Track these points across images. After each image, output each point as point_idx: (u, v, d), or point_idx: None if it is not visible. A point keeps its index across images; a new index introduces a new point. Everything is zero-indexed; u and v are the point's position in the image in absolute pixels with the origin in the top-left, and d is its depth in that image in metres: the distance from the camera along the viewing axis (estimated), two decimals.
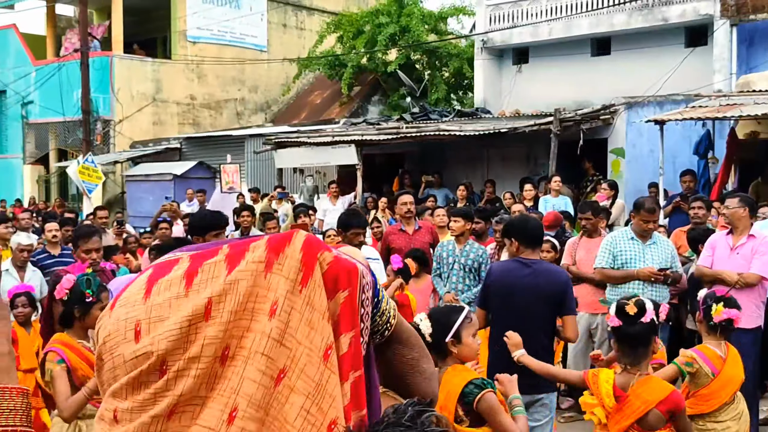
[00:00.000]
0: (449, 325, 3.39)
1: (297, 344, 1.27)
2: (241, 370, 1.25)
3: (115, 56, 21.83)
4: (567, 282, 4.60)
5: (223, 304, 1.28)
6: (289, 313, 1.28)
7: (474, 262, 6.76)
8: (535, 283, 4.46)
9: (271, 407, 1.26)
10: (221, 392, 1.27)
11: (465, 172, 15.43)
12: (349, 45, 20.68)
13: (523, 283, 4.47)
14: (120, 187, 21.62)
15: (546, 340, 4.49)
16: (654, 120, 10.46)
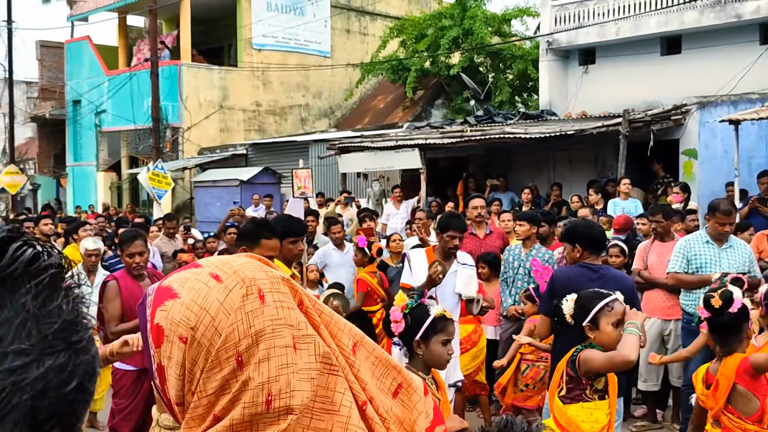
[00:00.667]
0: (589, 309, 3.47)
1: None
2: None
3: (184, 65, 22.36)
4: (634, 288, 4.63)
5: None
6: None
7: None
8: (603, 287, 4.32)
9: None
10: None
11: (530, 175, 15.23)
12: (412, 49, 20.68)
13: (591, 288, 4.35)
14: (188, 193, 22.10)
15: None
16: (728, 120, 10.11)
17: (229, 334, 1.13)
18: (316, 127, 24.31)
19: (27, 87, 31.28)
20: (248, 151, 21.02)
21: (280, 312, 1.16)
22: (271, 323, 1.14)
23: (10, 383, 0.70)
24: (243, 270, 1.17)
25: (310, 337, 1.18)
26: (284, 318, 1.16)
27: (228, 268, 1.17)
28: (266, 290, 1.16)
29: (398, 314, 3.39)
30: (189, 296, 1.14)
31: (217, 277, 1.16)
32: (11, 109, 26.89)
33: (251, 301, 1.14)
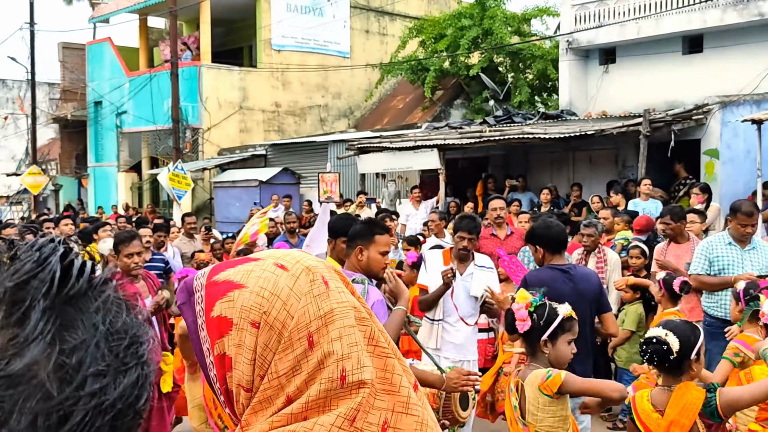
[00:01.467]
0: (694, 343, 3.25)
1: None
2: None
3: (203, 66, 22.49)
4: (602, 285, 4.82)
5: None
6: None
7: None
8: (576, 287, 4.53)
9: None
10: None
11: (550, 175, 15.15)
12: (431, 49, 20.65)
13: (566, 290, 4.46)
14: (208, 194, 22.22)
15: (592, 340, 4.71)
16: (751, 119, 9.99)
17: (301, 316, 1.21)
18: (336, 128, 24.35)
19: (49, 88, 31.63)
20: (267, 151, 21.10)
21: (342, 296, 1.26)
22: (338, 305, 1.23)
23: (92, 407, 0.71)
24: (304, 260, 1.27)
25: (368, 320, 1.28)
26: (348, 301, 1.26)
27: (291, 259, 1.27)
28: (328, 277, 1.26)
29: (524, 312, 3.45)
30: (258, 284, 1.23)
31: (283, 267, 1.25)
32: (33, 110, 27.20)
33: (317, 286, 1.23)
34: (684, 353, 3.22)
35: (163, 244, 9.06)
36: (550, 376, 3.32)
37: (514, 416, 3.51)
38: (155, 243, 8.70)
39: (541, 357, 3.44)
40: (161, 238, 9.05)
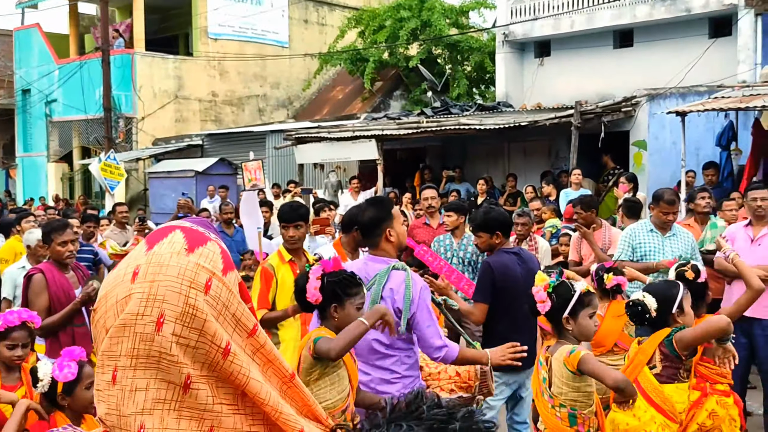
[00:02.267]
0: (672, 298, 3.70)
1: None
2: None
3: (137, 54, 22.00)
4: (540, 266, 5.16)
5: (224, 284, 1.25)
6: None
7: (473, 255, 6.69)
8: (527, 268, 4.74)
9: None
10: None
11: (486, 166, 15.35)
12: (370, 40, 20.65)
13: (519, 271, 4.71)
14: (142, 184, 21.79)
15: (535, 321, 4.81)
16: (675, 111, 10.31)
17: (113, 343, 1.21)
18: (274, 118, 24.15)
19: None
20: (204, 141, 20.80)
21: (174, 348, 1.21)
22: (158, 355, 1.20)
23: None
24: (160, 285, 1.23)
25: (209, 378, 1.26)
26: (178, 355, 1.20)
27: (150, 273, 1.24)
28: (169, 319, 1.22)
29: (543, 294, 3.57)
30: (105, 283, 1.27)
31: (134, 275, 1.24)
32: None
33: (144, 323, 1.20)
34: (664, 309, 3.65)
35: (92, 235, 8.86)
36: (572, 351, 3.47)
37: (541, 388, 3.66)
38: (85, 234, 8.50)
39: (566, 334, 3.59)
40: (90, 228, 8.84)
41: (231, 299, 1.23)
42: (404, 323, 3.58)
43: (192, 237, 1.26)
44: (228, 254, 1.31)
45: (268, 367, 1.29)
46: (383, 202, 3.96)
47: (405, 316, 3.58)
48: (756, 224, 5.99)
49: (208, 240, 1.28)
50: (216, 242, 1.30)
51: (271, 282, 4.88)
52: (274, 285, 4.89)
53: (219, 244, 1.31)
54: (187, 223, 1.32)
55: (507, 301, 4.64)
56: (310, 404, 1.35)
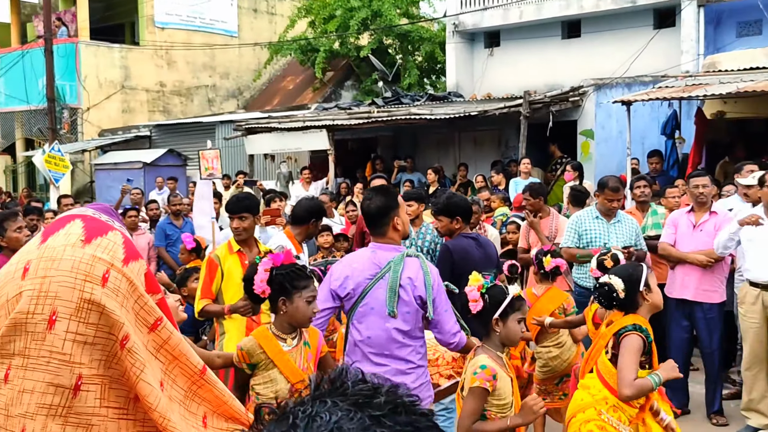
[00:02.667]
0: (638, 278, 3.72)
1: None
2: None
3: (81, 43, 21.46)
4: (497, 252, 5.37)
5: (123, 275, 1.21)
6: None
7: (431, 243, 6.72)
8: (485, 252, 4.92)
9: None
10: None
11: (437, 155, 15.42)
12: (320, 30, 20.52)
13: (478, 255, 4.87)
14: (89, 176, 21.32)
15: None
16: (621, 101, 10.49)
17: (4, 342, 1.16)
18: (224, 109, 23.84)
19: None
20: (152, 132, 20.43)
21: (66, 346, 1.16)
22: (48, 355, 1.15)
23: None
24: (52, 281, 1.18)
25: (100, 378, 1.19)
26: (70, 354, 1.15)
27: (42, 269, 1.19)
28: (62, 316, 1.16)
29: (476, 294, 3.48)
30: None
31: (25, 271, 1.18)
32: None
33: (35, 321, 1.15)
34: (631, 289, 3.70)
35: (36, 227, 8.63)
36: (475, 374, 3.35)
37: (459, 394, 3.60)
38: (28, 227, 8.27)
39: (493, 337, 3.51)
40: (33, 221, 8.61)
41: (132, 291, 1.18)
42: (431, 310, 3.64)
43: (91, 227, 1.21)
44: (132, 244, 1.26)
45: (174, 365, 1.23)
46: (390, 191, 3.97)
47: (430, 303, 3.64)
48: (698, 210, 6.14)
49: (110, 230, 1.23)
50: (119, 231, 1.24)
51: (215, 272, 4.87)
52: (219, 276, 4.88)
53: (122, 233, 1.24)
54: (89, 211, 1.26)
55: (464, 284, 4.69)
56: (225, 401, 1.30)
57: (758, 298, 5.71)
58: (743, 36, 12.97)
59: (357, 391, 0.82)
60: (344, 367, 0.89)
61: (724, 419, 6.08)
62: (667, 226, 6.31)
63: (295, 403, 0.83)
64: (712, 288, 6.06)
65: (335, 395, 0.83)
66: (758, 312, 5.72)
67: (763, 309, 5.70)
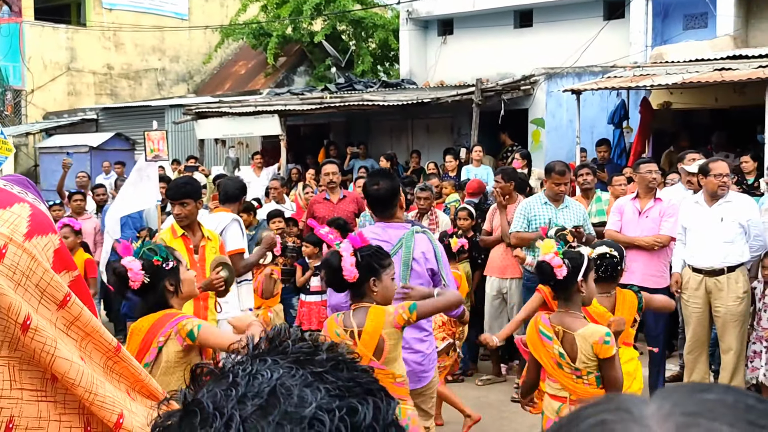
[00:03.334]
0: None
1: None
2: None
3: (25, 22, 20.84)
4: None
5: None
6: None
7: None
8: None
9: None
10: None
11: (390, 142, 15.42)
12: (273, 14, 20.29)
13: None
14: (33, 160, 20.77)
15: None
16: (571, 90, 10.63)
17: None
18: (174, 93, 23.42)
19: None
20: (99, 116, 19.98)
21: None
22: None
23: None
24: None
25: (5, 360, 1.10)
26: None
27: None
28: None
29: (558, 259, 3.60)
30: None
31: None
32: None
33: None
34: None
35: None
36: (607, 342, 3.46)
37: (556, 361, 3.63)
38: None
39: (576, 299, 3.62)
40: None
41: (34, 267, 1.10)
42: (445, 280, 3.97)
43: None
44: (42, 217, 1.17)
45: (87, 342, 1.17)
46: (391, 174, 4.35)
47: (443, 274, 3.99)
48: (643, 197, 6.26)
49: (16, 201, 1.15)
50: (27, 203, 1.15)
51: None
52: None
53: (33, 205, 1.16)
54: (1, 183, 1.18)
55: None
56: (142, 378, 1.25)
57: (701, 284, 5.86)
58: (690, 29, 13.24)
59: (297, 349, 0.82)
60: (282, 326, 0.87)
61: None
62: (612, 213, 6.42)
63: (233, 362, 0.82)
64: (658, 273, 6.19)
65: (275, 353, 0.82)
66: (701, 297, 5.87)
67: (706, 294, 5.85)
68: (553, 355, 3.64)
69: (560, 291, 3.68)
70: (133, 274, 3.20)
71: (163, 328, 3.21)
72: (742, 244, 5.75)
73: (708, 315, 5.89)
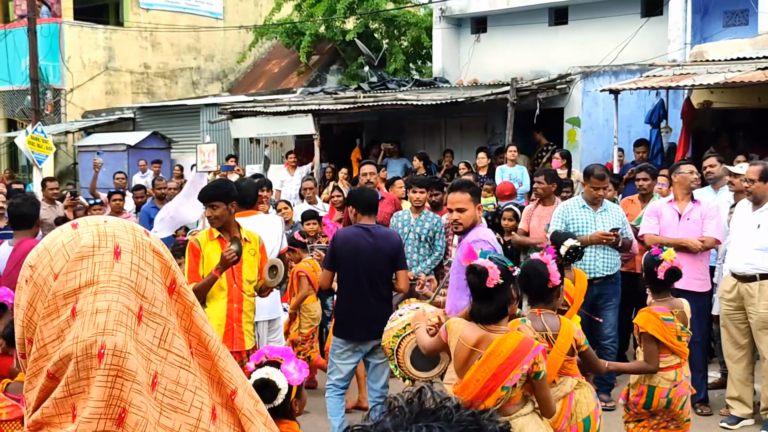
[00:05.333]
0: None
1: None
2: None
3: (65, 23, 21.18)
4: (400, 242, 5.39)
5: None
6: None
7: (429, 231, 6.75)
8: (376, 245, 5.12)
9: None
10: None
11: (423, 142, 15.39)
12: (306, 13, 20.35)
13: (365, 245, 5.12)
14: (72, 158, 21.12)
15: (386, 291, 5.26)
16: (608, 89, 10.50)
17: (65, 277, 1.08)
18: (208, 91, 23.64)
19: None
20: (136, 114, 20.24)
21: (133, 275, 1.12)
22: (118, 279, 1.10)
23: None
24: (107, 226, 1.15)
25: (163, 320, 1.14)
26: (136, 283, 1.11)
27: (91, 221, 1.16)
28: (126, 250, 1.13)
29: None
30: (42, 241, 1.14)
31: (75, 225, 1.14)
32: None
33: (102, 252, 1.11)
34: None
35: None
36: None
37: (677, 337, 4.28)
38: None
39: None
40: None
41: (168, 254, 1.23)
42: None
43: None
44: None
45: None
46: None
47: None
48: (681, 200, 6.17)
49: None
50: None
51: (200, 256, 4.88)
52: (202, 259, 4.89)
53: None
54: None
55: (344, 269, 5.20)
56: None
57: (734, 288, 5.78)
58: (730, 26, 13.00)
59: (464, 417, 0.80)
60: (426, 387, 0.86)
61: (708, 408, 6.15)
62: (647, 216, 6.32)
63: (393, 425, 0.79)
64: (702, 276, 6.10)
65: (433, 419, 0.79)
66: (735, 302, 5.79)
67: (740, 299, 5.76)
68: (676, 333, 4.24)
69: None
70: None
71: None
72: None
73: (743, 320, 5.80)
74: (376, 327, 4.80)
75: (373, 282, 5.14)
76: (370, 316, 5.02)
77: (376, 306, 5.09)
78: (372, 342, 5.07)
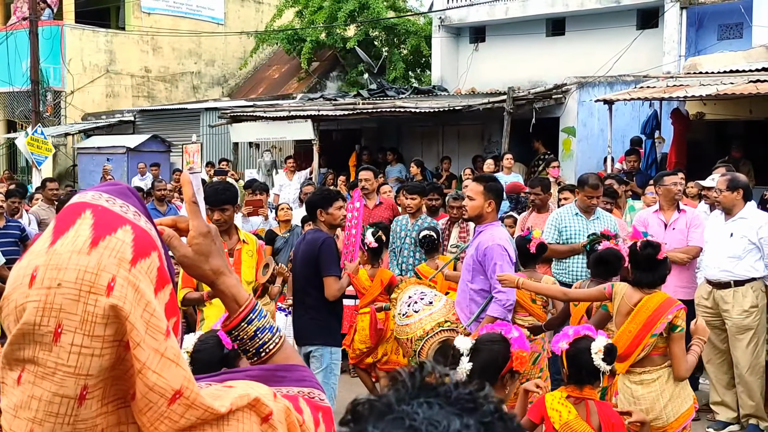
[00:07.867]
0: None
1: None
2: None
3: (66, 25, 21.33)
4: (321, 246, 5.06)
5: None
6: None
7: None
8: (301, 249, 5.25)
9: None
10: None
11: (421, 148, 15.54)
12: (307, 20, 20.53)
13: (299, 250, 5.29)
14: (71, 160, 21.23)
15: (311, 299, 5.13)
16: (603, 99, 10.66)
17: (14, 350, 1.10)
18: (209, 96, 23.79)
19: None
20: (136, 117, 20.37)
21: (72, 359, 1.10)
22: (54, 366, 1.10)
23: None
24: (58, 292, 1.11)
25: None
26: (76, 366, 1.10)
27: (48, 279, 1.12)
28: (68, 329, 1.11)
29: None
30: (12, 281, 1.15)
31: (32, 279, 1.11)
32: None
33: (42, 332, 1.10)
34: None
35: (17, 210, 8.67)
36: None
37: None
38: (9, 209, 8.28)
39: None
40: (15, 204, 8.64)
41: (138, 300, 1.12)
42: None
43: (101, 223, 1.14)
44: (144, 236, 1.17)
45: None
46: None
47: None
48: (667, 209, 6.30)
49: (120, 226, 1.15)
50: (128, 225, 1.16)
51: None
52: None
53: (134, 225, 1.17)
54: (103, 197, 1.19)
55: (293, 271, 5.46)
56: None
57: (710, 295, 5.90)
58: (724, 39, 13.19)
59: (463, 395, 0.82)
60: (428, 364, 0.87)
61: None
62: (635, 226, 6.45)
63: (396, 398, 0.82)
64: (689, 285, 6.22)
65: (433, 395, 0.81)
66: (710, 308, 5.89)
67: (715, 305, 5.87)
68: (530, 296, 5.00)
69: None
70: None
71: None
72: (753, 260, 5.74)
73: (721, 325, 5.90)
74: (311, 333, 5.13)
75: (304, 287, 5.23)
76: (314, 320, 5.16)
77: (308, 311, 5.19)
78: (302, 348, 5.13)
